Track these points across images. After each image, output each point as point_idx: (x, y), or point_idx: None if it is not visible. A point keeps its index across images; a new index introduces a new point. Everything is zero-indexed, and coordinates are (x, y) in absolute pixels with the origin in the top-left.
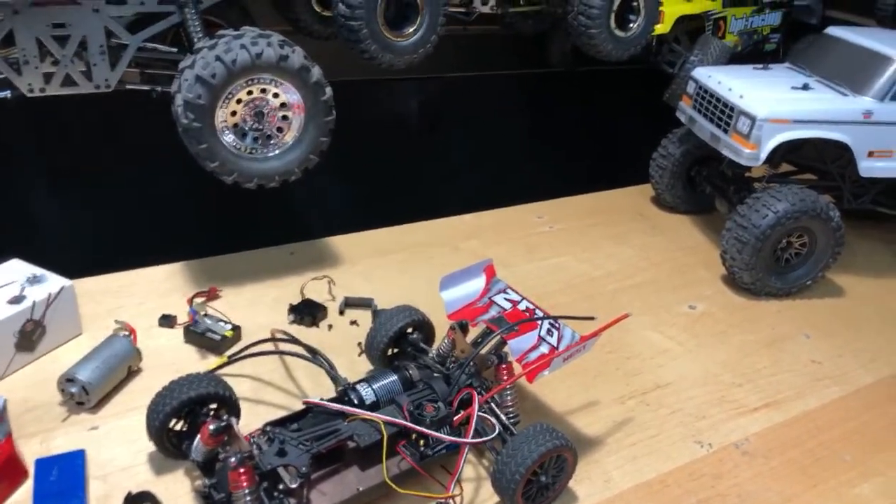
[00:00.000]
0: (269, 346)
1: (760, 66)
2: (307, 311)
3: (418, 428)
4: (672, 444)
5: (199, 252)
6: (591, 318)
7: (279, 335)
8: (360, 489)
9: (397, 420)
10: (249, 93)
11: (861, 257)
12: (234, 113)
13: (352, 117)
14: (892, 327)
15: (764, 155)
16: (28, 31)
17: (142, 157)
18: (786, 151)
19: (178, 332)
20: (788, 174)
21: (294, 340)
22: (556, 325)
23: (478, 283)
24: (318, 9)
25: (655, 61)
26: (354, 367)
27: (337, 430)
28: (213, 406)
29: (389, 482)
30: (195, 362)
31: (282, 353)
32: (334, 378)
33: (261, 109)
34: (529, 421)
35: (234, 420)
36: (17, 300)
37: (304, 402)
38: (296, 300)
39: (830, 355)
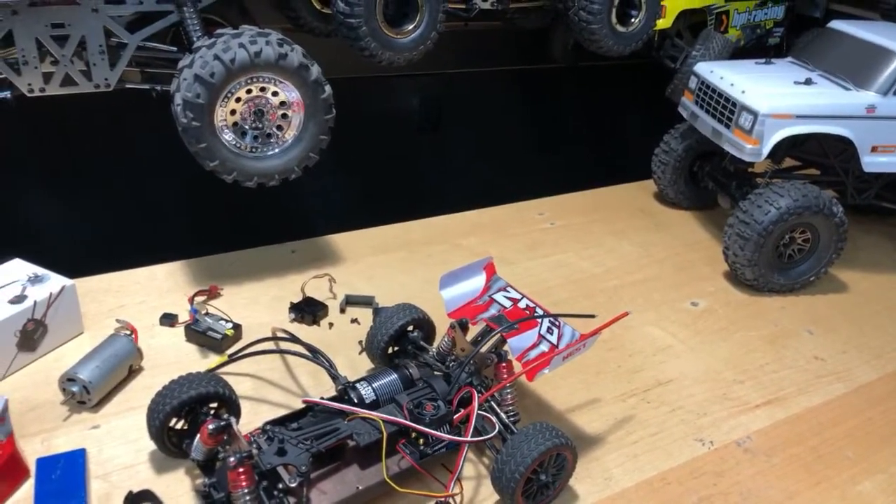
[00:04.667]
0: (269, 345)
1: (763, 60)
2: (308, 310)
3: (418, 427)
4: (673, 442)
5: (199, 250)
6: (592, 316)
7: (280, 334)
8: (360, 488)
9: (397, 419)
10: (249, 91)
11: (864, 253)
12: (233, 112)
13: (352, 115)
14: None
15: (766, 150)
16: (27, 31)
17: (142, 155)
18: (788, 146)
19: (179, 331)
20: (791, 169)
21: (294, 339)
22: (557, 323)
23: (478, 281)
24: (317, 6)
25: (657, 56)
26: (355, 365)
27: (337, 429)
28: (214, 405)
29: (389, 481)
30: (196, 361)
31: (282, 351)
32: (334, 377)
33: (260, 108)
34: (530, 419)
35: (233, 419)
36: (18, 300)
37: (304, 401)
38: (296, 298)
39: (834, 352)
